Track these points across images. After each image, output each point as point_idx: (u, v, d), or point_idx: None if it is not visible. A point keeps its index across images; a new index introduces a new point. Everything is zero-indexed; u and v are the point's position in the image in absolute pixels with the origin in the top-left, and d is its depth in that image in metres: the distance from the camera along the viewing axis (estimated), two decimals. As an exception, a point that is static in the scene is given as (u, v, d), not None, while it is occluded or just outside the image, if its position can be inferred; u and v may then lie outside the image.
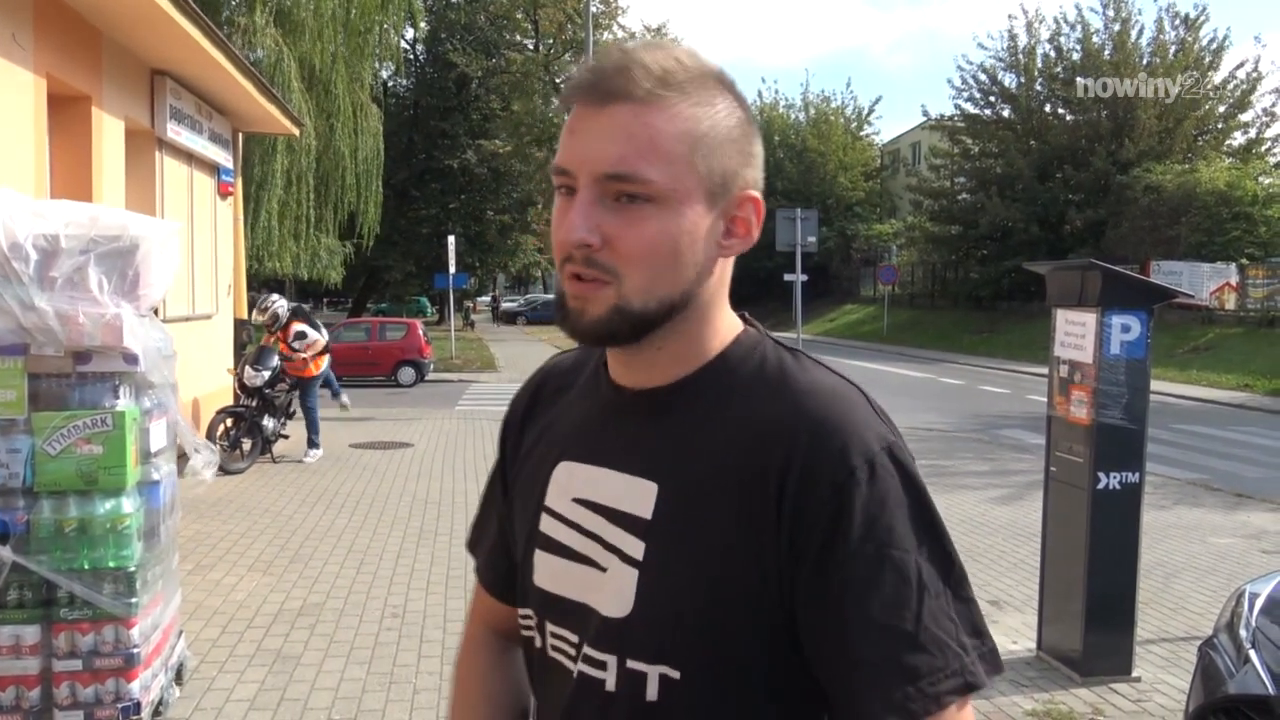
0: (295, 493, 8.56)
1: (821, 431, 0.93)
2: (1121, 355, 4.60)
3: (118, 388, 3.66)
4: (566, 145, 0.96)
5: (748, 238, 1.01)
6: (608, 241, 0.94)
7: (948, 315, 35.41)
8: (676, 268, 0.96)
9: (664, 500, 0.98)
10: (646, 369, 1.02)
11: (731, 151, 0.97)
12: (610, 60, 0.95)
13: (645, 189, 0.93)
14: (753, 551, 0.93)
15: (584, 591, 1.02)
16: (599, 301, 0.95)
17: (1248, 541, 7.56)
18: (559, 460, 1.08)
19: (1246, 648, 3.18)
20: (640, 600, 0.97)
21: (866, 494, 0.90)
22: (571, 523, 1.05)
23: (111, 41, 7.92)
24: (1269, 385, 19.38)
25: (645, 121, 0.93)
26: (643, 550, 0.98)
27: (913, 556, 0.90)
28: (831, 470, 0.91)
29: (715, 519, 0.95)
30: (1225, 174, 27.08)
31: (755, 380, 1.00)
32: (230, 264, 12.21)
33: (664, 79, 0.94)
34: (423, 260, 38.32)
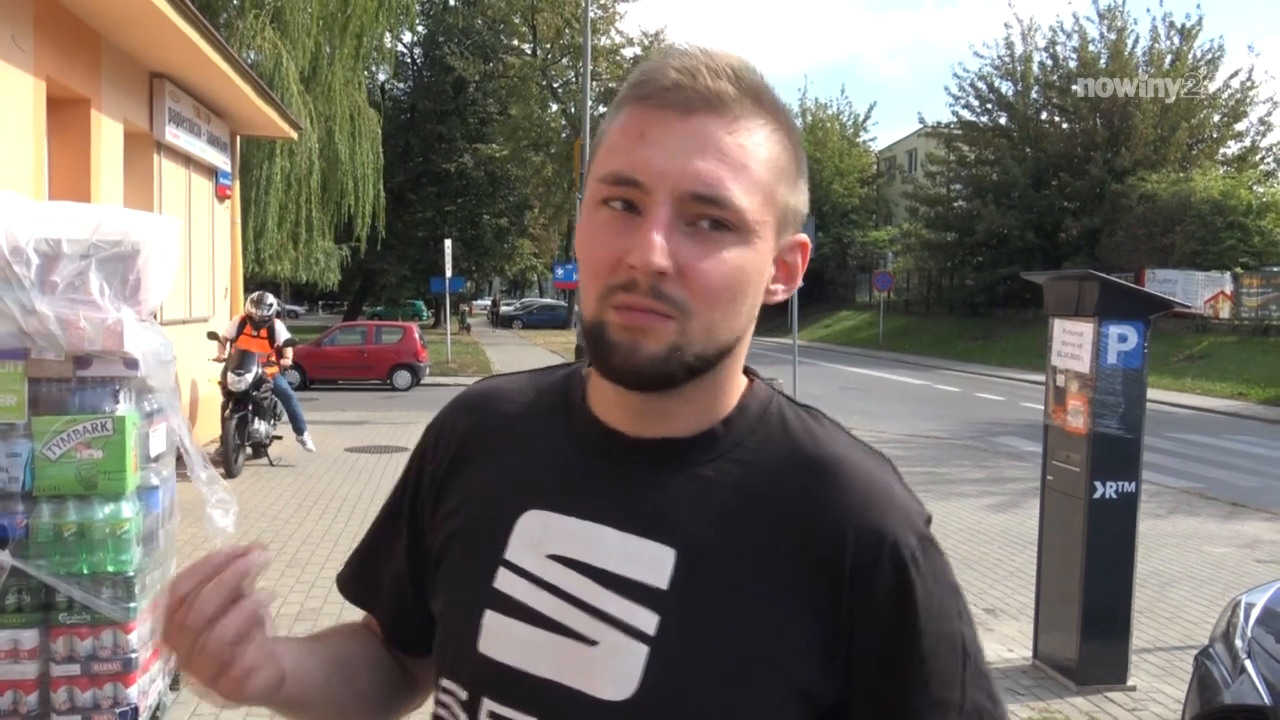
0: (291, 496, 8.56)
1: (875, 514, 0.87)
2: (1118, 365, 4.62)
3: (118, 392, 3.66)
4: (635, 152, 0.83)
5: (791, 284, 0.92)
6: (681, 272, 0.82)
7: (943, 322, 35.48)
8: (739, 310, 0.86)
9: (684, 569, 0.86)
10: (662, 419, 0.90)
11: (800, 188, 0.89)
12: (696, 62, 0.84)
13: (731, 216, 0.82)
14: (794, 632, 0.85)
15: (559, 668, 0.87)
16: (657, 337, 0.83)
17: (1243, 551, 7.59)
18: (525, 507, 0.92)
19: (1242, 658, 3.20)
20: (649, 682, 0.85)
21: (925, 574, 0.87)
22: (547, 584, 0.89)
23: (111, 44, 7.93)
24: (1263, 394, 19.44)
25: (738, 140, 0.83)
26: (655, 624, 0.85)
27: (958, 625, 0.89)
28: (893, 554, 0.86)
29: (747, 594, 0.86)
30: (1220, 183, 27.20)
31: (782, 438, 0.91)
32: (228, 267, 12.21)
33: (756, 96, 0.84)
34: (419, 264, 38.35)
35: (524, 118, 37.47)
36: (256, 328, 10.01)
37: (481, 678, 0.90)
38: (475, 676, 0.91)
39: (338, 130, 20.01)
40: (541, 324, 44.92)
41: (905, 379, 23.55)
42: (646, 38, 36.54)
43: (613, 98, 0.94)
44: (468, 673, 0.92)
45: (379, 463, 10.37)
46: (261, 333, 10.03)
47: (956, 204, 35.90)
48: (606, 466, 0.91)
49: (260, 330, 10.02)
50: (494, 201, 42.34)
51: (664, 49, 0.88)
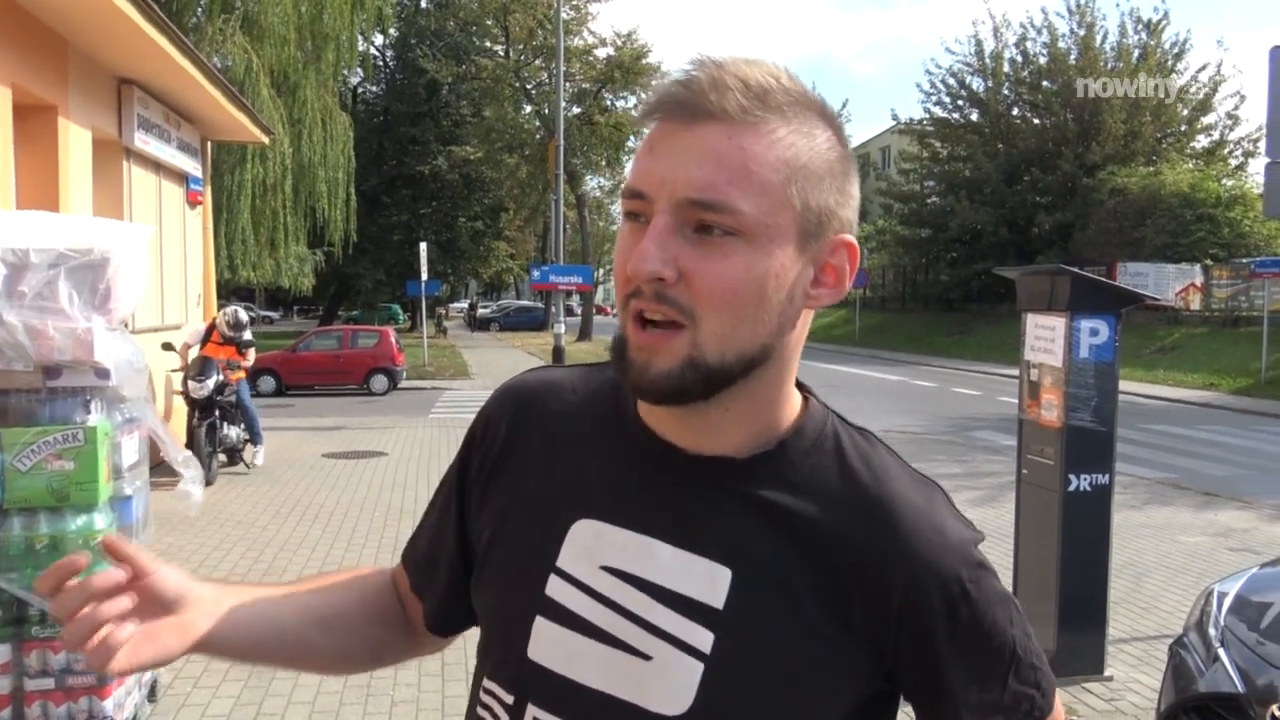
0: (268, 504, 8.50)
1: (927, 545, 0.88)
2: (1090, 359, 4.67)
3: (89, 402, 3.62)
4: (643, 165, 0.85)
5: (838, 288, 0.90)
6: (684, 277, 0.82)
7: (919, 318, 35.71)
8: (759, 316, 0.85)
9: (739, 589, 0.87)
10: (710, 432, 0.90)
11: (830, 188, 0.87)
12: (702, 73, 0.84)
13: (733, 221, 0.82)
14: (841, 656, 0.88)
15: (613, 681, 0.88)
16: (669, 353, 0.84)
17: (1216, 540, 7.67)
18: (578, 515, 0.93)
19: (1216, 646, 3.24)
20: (703, 699, 0.86)
21: (975, 600, 0.89)
22: (600, 595, 0.90)
23: (78, 51, 7.84)
24: (1233, 384, 19.68)
25: (740, 144, 0.82)
26: (710, 642, 0.87)
27: (1009, 635, 0.91)
28: (944, 589, 0.88)
29: (799, 617, 0.87)
30: (1189, 176, 27.51)
31: (838, 468, 0.91)
32: (200, 273, 12.11)
33: (763, 98, 0.83)
34: (394, 268, 38.17)
35: (497, 119, 37.35)
36: (225, 342, 9.97)
37: (529, 684, 0.92)
38: (523, 682, 0.92)
39: (309, 134, 19.88)
40: (519, 326, 44.84)
41: (882, 375, 23.67)
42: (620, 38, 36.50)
43: (586, 98, 0.94)
44: (515, 678, 0.93)
45: (356, 468, 10.32)
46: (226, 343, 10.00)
47: (930, 200, 36.16)
48: (660, 480, 0.91)
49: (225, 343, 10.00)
50: (469, 204, 42.20)
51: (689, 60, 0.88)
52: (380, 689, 4.54)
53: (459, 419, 14.57)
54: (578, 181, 36.68)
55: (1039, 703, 0.94)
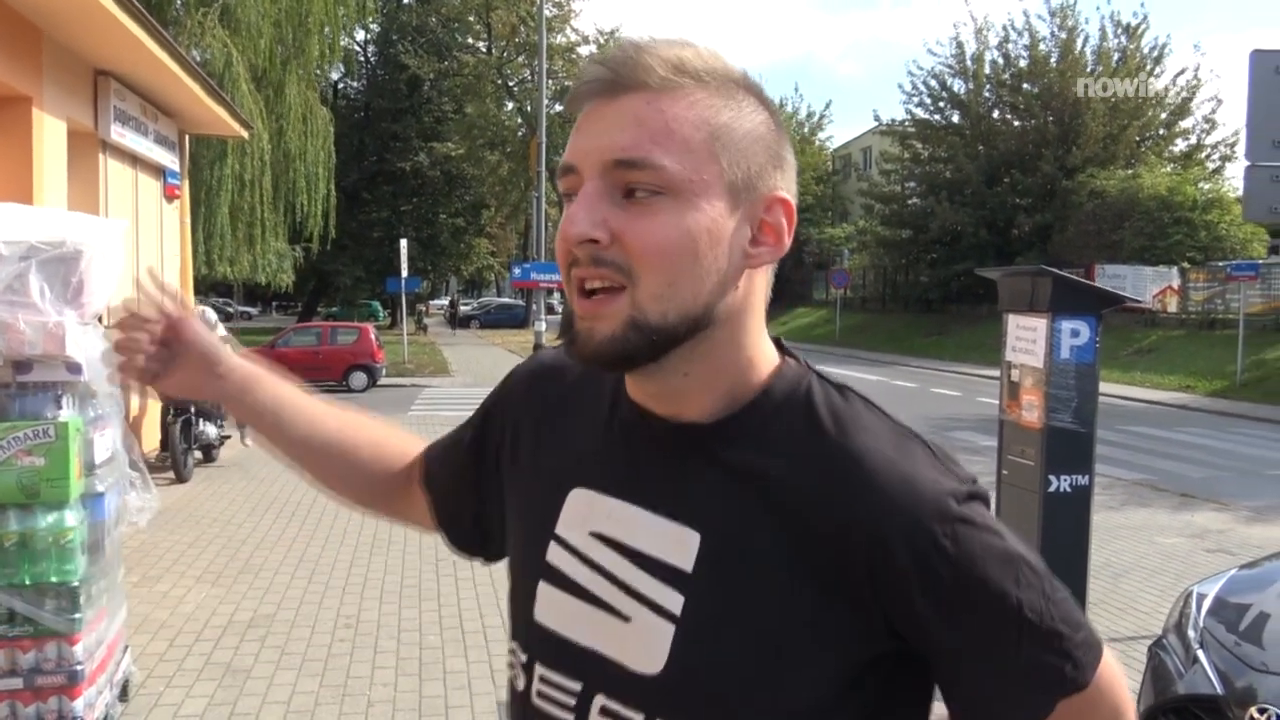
0: (244, 501, 8.42)
1: (889, 497, 0.86)
2: (1071, 360, 4.68)
3: (60, 398, 3.56)
4: (572, 143, 0.89)
5: (779, 245, 0.92)
6: (616, 238, 0.85)
7: (899, 318, 35.83)
8: (695, 272, 0.86)
9: (707, 552, 0.89)
10: (677, 399, 0.92)
11: (757, 149, 0.89)
12: (621, 52, 0.88)
13: (658, 178, 0.84)
14: (819, 615, 0.87)
15: (599, 638, 0.93)
16: (611, 317, 0.86)
17: (1193, 541, 7.72)
18: (574, 484, 0.98)
19: (1195, 648, 3.24)
20: (675, 659, 0.89)
21: (952, 557, 0.85)
22: (589, 560, 0.95)
23: (53, 41, 7.74)
24: (1210, 386, 19.84)
25: (659, 107, 0.85)
26: (680, 604, 0.89)
27: (1011, 597, 0.87)
28: (909, 541, 0.85)
29: (768, 579, 0.87)
30: (1166, 179, 27.72)
31: (805, 425, 0.91)
32: (177, 268, 12.00)
33: (679, 66, 0.87)
34: (373, 264, 37.97)
35: (479, 116, 37.20)
36: None
37: (535, 643, 0.98)
38: (531, 642, 0.99)
39: (290, 129, 19.73)
40: (500, 323, 44.67)
41: (862, 375, 23.74)
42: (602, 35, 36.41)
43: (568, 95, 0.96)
44: (526, 638, 1.00)
45: (335, 465, 10.22)
46: None
47: (911, 201, 36.26)
48: (641, 449, 0.95)
49: None
50: (450, 201, 42.03)
51: (609, 48, 0.91)
52: (357, 688, 4.49)
53: (439, 416, 14.50)
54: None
55: (1069, 673, 0.89)
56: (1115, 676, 0.93)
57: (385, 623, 5.36)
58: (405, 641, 5.05)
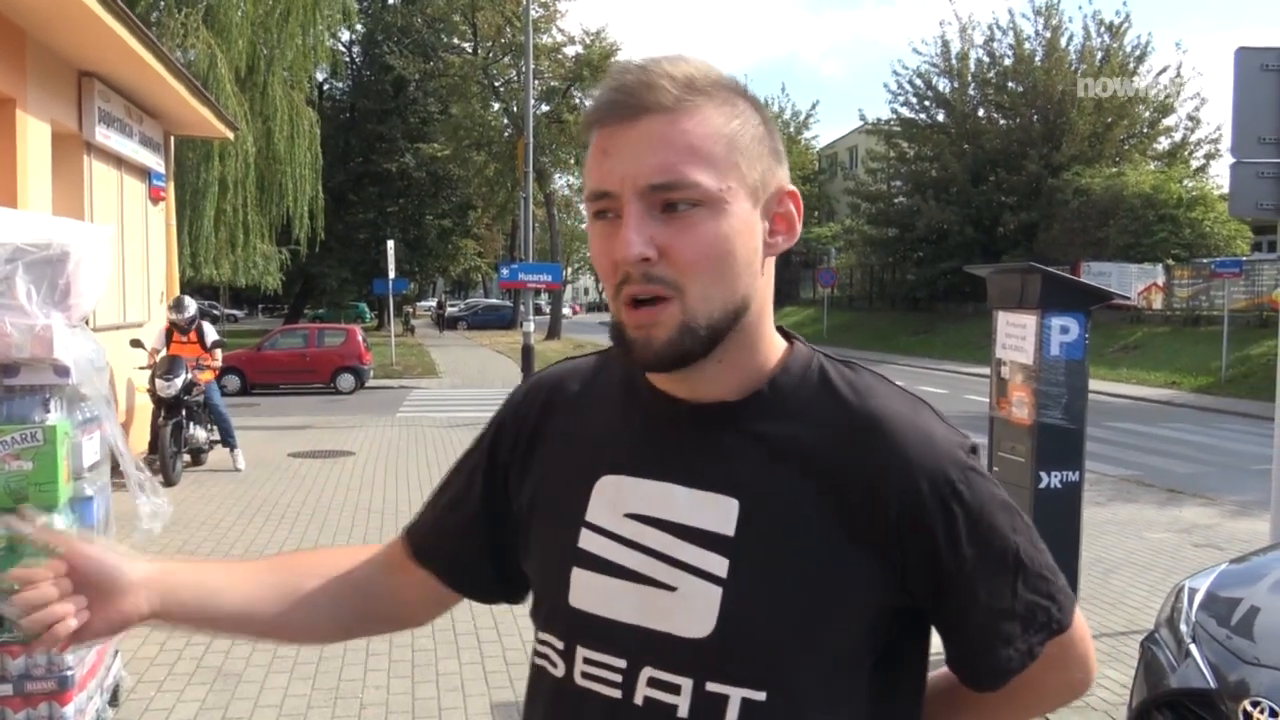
0: (233, 504, 8.38)
1: (914, 449, 0.97)
2: (1061, 356, 4.70)
3: (48, 401, 3.53)
4: (601, 167, 0.95)
5: (792, 232, 1.02)
6: (664, 253, 0.93)
7: (885, 316, 35.94)
8: (735, 270, 0.95)
9: (747, 516, 0.97)
10: (706, 382, 1.00)
11: (762, 149, 0.98)
12: (632, 76, 0.95)
13: (693, 194, 0.93)
14: (852, 567, 0.95)
15: (645, 613, 0.98)
16: (665, 324, 0.94)
17: (1181, 536, 7.76)
18: (601, 474, 1.04)
19: (1187, 642, 3.25)
20: (724, 619, 0.95)
21: (968, 501, 0.97)
22: (626, 540, 1.00)
23: (37, 42, 7.68)
24: (1195, 382, 19.96)
25: (681, 128, 0.93)
26: (726, 567, 0.96)
27: (1011, 541, 0.99)
28: (934, 489, 0.96)
29: (806, 535, 0.95)
30: (1151, 177, 27.87)
31: (825, 395, 1.01)
32: (163, 270, 11.93)
33: (689, 85, 0.95)
34: (360, 266, 37.85)
35: (465, 117, 37.10)
36: (184, 332, 9.77)
37: (575, 628, 1.02)
38: (569, 628, 1.03)
39: (275, 131, 19.66)
40: (487, 324, 44.59)
41: (850, 374, 23.77)
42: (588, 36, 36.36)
43: (555, 96, 1.01)
44: (562, 625, 1.04)
45: (322, 468, 10.20)
46: (190, 337, 9.78)
47: (897, 200, 36.38)
48: (669, 431, 1.02)
49: (188, 334, 9.78)
50: (436, 202, 41.92)
51: (611, 68, 1.00)
52: (349, 691, 4.47)
53: (427, 418, 14.47)
54: (546, 180, 36.54)
55: (1055, 615, 1.02)
56: (1085, 625, 1.07)
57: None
58: (397, 643, 5.03)
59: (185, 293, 11.03)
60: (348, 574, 1.19)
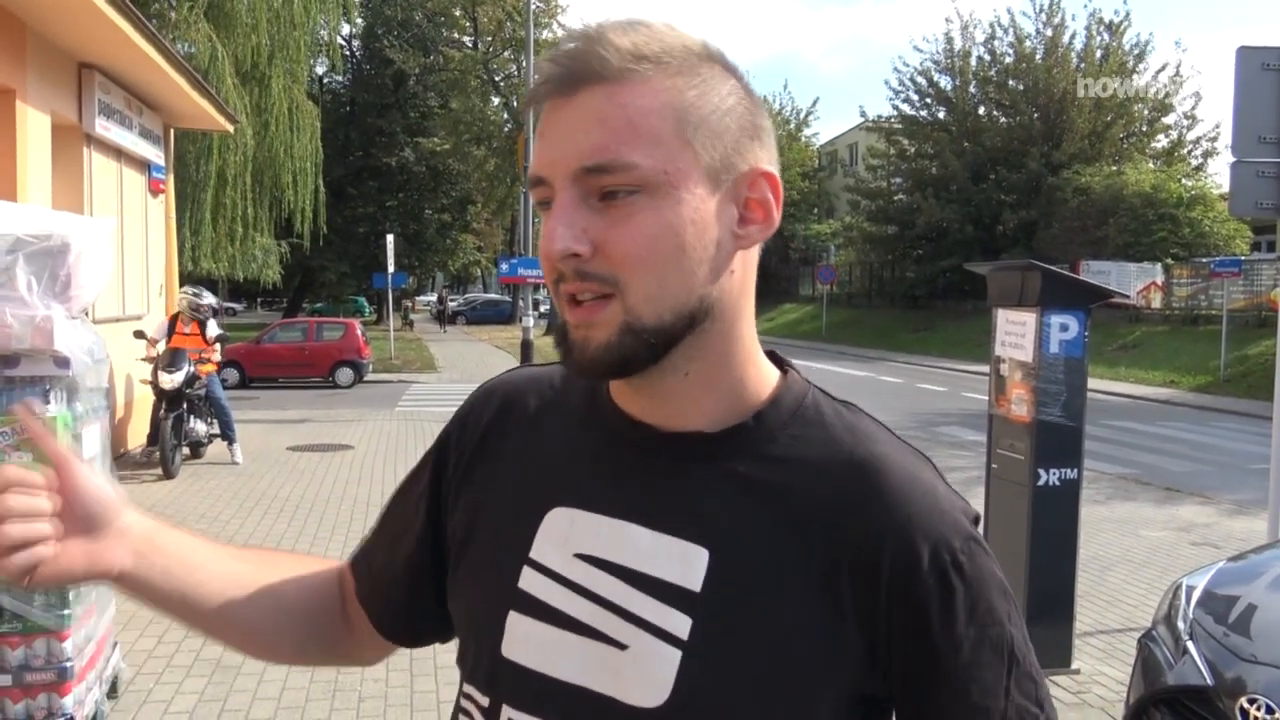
0: (232, 498, 8.38)
1: (916, 517, 0.83)
2: (1060, 354, 4.70)
3: (48, 392, 3.53)
4: (537, 151, 0.83)
5: (768, 222, 0.86)
6: (599, 247, 0.80)
7: (885, 314, 35.94)
8: (685, 266, 0.81)
9: (718, 570, 0.83)
10: (676, 402, 0.86)
11: (729, 123, 0.83)
12: (574, 44, 0.82)
13: (631, 177, 0.79)
14: (831, 639, 0.82)
15: (589, 673, 0.84)
16: (604, 325, 0.81)
17: (1178, 534, 7.77)
18: (551, 504, 0.89)
19: (1184, 640, 3.26)
20: (681, 689, 0.81)
21: (969, 576, 0.83)
22: (573, 584, 0.86)
23: (36, 34, 7.67)
24: (1193, 381, 19.97)
25: (619, 101, 0.79)
26: (688, 628, 0.82)
27: (1007, 629, 0.85)
28: (934, 556, 0.82)
29: (781, 599, 0.82)
30: (1151, 176, 27.87)
31: (820, 441, 0.87)
32: (162, 263, 11.92)
33: (636, 51, 0.81)
34: (360, 260, 37.86)
35: (465, 111, 37.07)
36: (197, 322, 9.80)
37: (502, 683, 0.88)
38: (496, 681, 0.88)
39: (275, 124, 19.63)
40: (486, 319, 44.56)
41: (848, 371, 23.80)
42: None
43: None
44: (489, 678, 0.89)
45: (321, 461, 10.21)
46: (192, 328, 9.81)
47: (897, 197, 36.36)
48: (635, 462, 0.88)
49: (191, 325, 9.81)
50: (436, 196, 41.90)
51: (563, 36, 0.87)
52: (348, 684, 4.48)
53: (426, 412, 14.47)
54: (546, 175, 36.48)
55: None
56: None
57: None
58: (395, 637, 5.04)
59: (185, 284, 11.03)
60: (314, 594, 1.05)
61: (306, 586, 1.05)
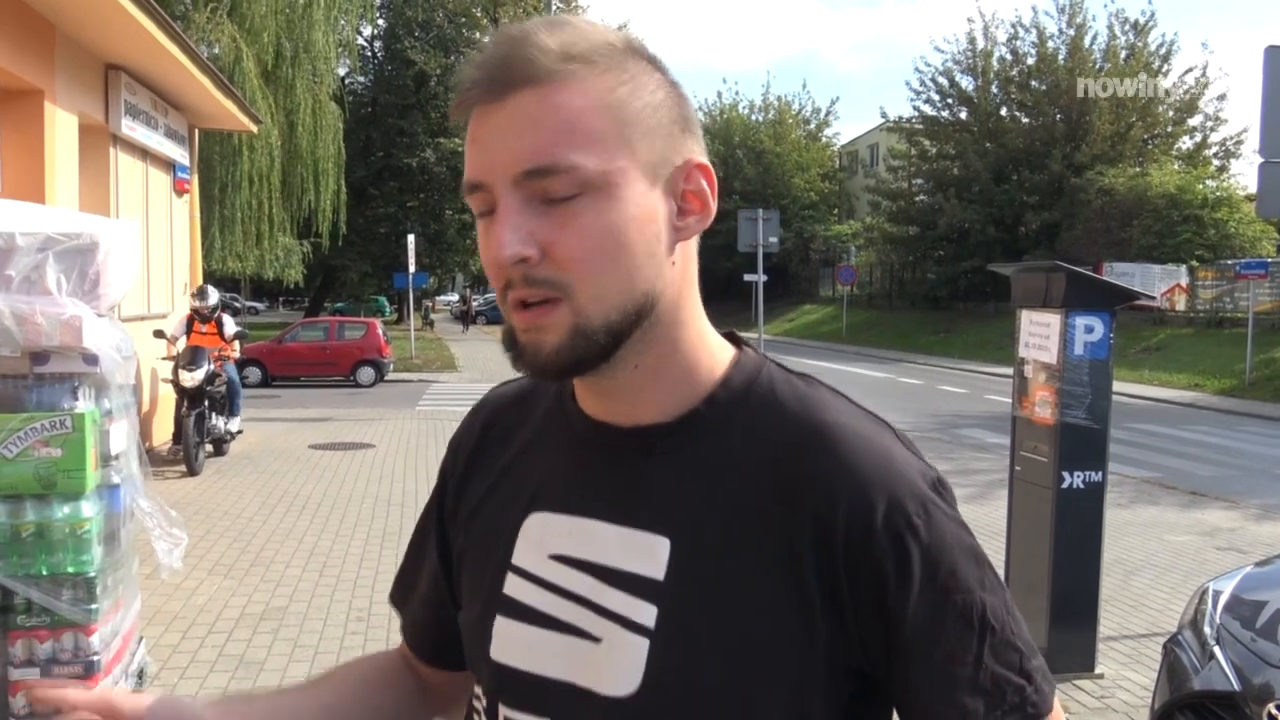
0: (255, 495, 8.44)
1: (871, 478, 0.82)
2: (1085, 356, 4.66)
3: (77, 389, 3.56)
4: (471, 158, 0.83)
5: (705, 213, 0.87)
6: (546, 251, 0.80)
7: (905, 315, 35.78)
8: (631, 264, 0.81)
9: (679, 557, 0.84)
10: (629, 397, 0.88)
11: (661, 118, 0.84)
12: (500, 48, 0.81)
13: (573, 179, 0.79)
14: (795, 612, 0.82)
15: (568, 667, 0.86)
16: (554, 328, 0.81)
17: (1203, 539, 7.70)
18: (529, 510, 0.92)
19: (1211, 644, 3.23)
20: (651, 676, 0.83)
21: (924, 539, 0.82)
22: (550, 584, 0.89)
23: (65, 35, 7.75)
24: (1218, 385, 19.79)
25: (553, 104, 0.79)
26: (654, 616, 0.84)
27: (976, 596, 0.83)
28: (888, 518, 0.81)
29: (744, 579, 0.83)
30: (1176, 177, 27.63)
31: (773, 415, 0.87)
32: (187, 262, 12.02)
33: (565, 52, 0.80)
34: (381, 260, 38.00)
35: (486, 112, 37.16)
36: (204, 322, 9.87)
37: (496, 683, 0.91)
38: (491, 683, 0.92)
39: (299, 125, 19.77)
40: (505, 320, 44.59)
41: (868, 372, 23.72)
42: (610, 32, 36.40)
43: None
44: (485, 680, 0.93)
45: (343, 460, 10.26)
46: (210, 327, 9.89)
47: (918, 198, 36.21)
48: (598, 461, 0.90)
49: (208, 325, 9.88)
50: (456, 196, 41.70)
51: (484, 43, 0.87)
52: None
53: (446, 412, 14.52)
54: (566, 175, 36.59)
55: (1030, 696, 0.84)
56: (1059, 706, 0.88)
57: (395, 616, 5.36)
58: (417, 635, 5.06)
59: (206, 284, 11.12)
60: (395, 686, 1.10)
61: (386, 684, 1.09)
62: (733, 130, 46.67)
